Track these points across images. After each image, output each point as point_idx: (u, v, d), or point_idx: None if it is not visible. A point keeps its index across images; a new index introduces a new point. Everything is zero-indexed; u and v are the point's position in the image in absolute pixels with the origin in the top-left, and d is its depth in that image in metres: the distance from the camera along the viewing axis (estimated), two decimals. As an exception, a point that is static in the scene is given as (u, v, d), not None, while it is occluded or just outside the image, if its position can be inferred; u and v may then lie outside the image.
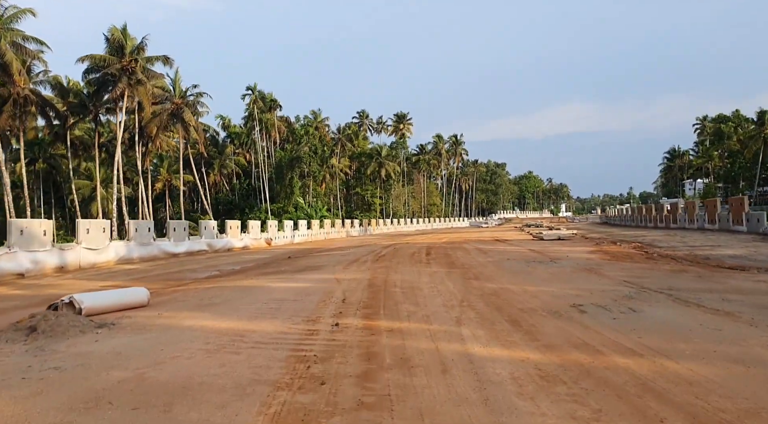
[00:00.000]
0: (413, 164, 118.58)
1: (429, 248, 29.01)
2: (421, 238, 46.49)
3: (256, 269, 19.45)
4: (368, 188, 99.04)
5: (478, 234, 52.99)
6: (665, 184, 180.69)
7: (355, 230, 65.40)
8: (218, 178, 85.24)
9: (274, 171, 75.89)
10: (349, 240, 49.29)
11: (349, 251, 29.56)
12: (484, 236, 45.23)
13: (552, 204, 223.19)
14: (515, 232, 54.54)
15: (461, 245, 30.56)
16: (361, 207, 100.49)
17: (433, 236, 49.57)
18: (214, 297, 12.08)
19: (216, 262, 25.40)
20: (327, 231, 56.08)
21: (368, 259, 21.94)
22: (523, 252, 23.71)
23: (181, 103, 55.17)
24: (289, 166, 73.31)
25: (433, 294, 11.65)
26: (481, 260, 19.90)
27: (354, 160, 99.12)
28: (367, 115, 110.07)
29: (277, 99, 77.40)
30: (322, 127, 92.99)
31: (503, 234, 49.09)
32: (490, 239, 39.67)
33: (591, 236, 38.67)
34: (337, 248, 35.20)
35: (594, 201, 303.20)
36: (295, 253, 30.49)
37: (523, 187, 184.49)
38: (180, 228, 31.43)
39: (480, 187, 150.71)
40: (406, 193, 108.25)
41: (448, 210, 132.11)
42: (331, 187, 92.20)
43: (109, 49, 48.28)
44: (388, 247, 31.89)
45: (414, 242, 37.50)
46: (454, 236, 47.36)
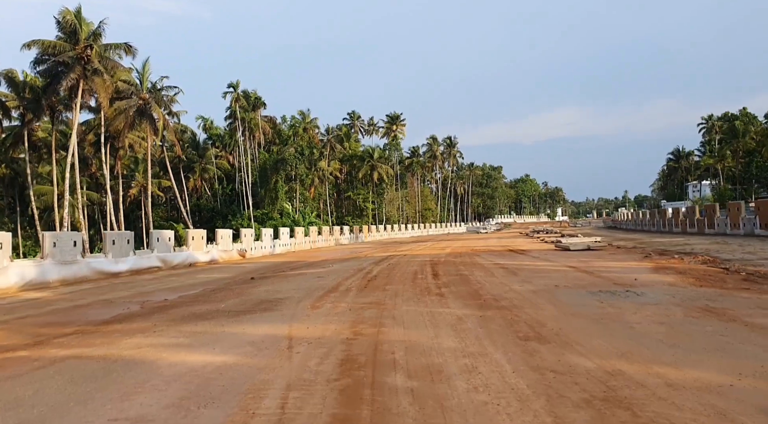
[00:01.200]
0: (406, 167, 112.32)
1: (434, 263, 22.62)
2: (419, 247, 40.14)
3: (185, 306, 12.97)
4: (360, 193, 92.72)
5: (483, 241, 46.67)
6: (664, 187, 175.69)
7: (346, 238, 58.96)
8: (199, 183, 78.63)
9: (258, 175, 69.41)
10: (337, 250, 42.90)
11: (333, 267, 23.16)
12: (491, 244, 38.90)
13: (548, 208, 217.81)
14: (524, 239, 48.20)
15: (474, 259, 24.18)
16: (353, 213, 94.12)
17: (433, 245, 43.20)
18: None
19: (157, 285, 18.99)
20: (313, 239, 49.63)
21: (353, 284, 15.57)
22: (564, 271, 17.37)
23: (148, 98, 48.68)
24: (273, 169, 66.83)
25: (484, 403, 5.24)
26: (517, 287, 13.52)
27: (345, 163, 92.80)
28: (359, 117, 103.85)
29: (261, 97, 71.04)
30: (311, 129, 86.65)
31: (512, 242, 42.78)
32: (502, 248, 33.32)
33: (620, 244, 32.39)
34: (320, 261, 28.81)
35: (589, 205, 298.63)
36: (265, 270, 24.06)
37: (520, 191, 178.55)
38: (121, 240, 24.90)
39: (476, 191, 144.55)
40: (399, 198, 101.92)
41: (443, 215, 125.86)
42: (320, 191, 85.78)
43: (62, 34, 41.79)
44: (382, 261, 25.51)
45: (413, 253, 31.11)
46: (457, 245, 41.01)
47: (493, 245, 39.10)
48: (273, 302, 12.38)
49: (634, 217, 67.15)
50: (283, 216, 65.73)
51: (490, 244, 40.54)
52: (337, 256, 33.46)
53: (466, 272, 17.95)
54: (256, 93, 71.10)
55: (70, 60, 41.10)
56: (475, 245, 40.07)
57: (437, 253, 30.95)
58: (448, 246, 39.64)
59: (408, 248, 38.48)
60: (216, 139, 78.37)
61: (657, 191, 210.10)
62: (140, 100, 48.25)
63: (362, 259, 28.53)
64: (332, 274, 19.38)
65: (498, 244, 39.99)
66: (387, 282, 15.68)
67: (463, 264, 21.36)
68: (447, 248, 37.13)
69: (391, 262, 24.53)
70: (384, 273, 18.76)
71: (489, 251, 30.71)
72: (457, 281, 15.23)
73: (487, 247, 35.86)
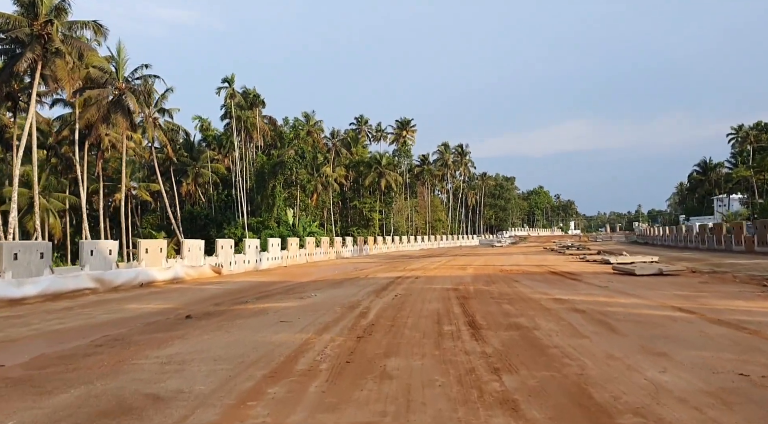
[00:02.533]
0: (416, 176, 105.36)
1: (461, 295, 15.50)
2: (433, 264, 33.03)
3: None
4: (366, 201, 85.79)
5: (506, 257, 39.53)
6: (682, 202, 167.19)
7: (348, 250, 51.94)
8: (193, 188, 72.02)
9: (255, 180, 62.74)
10: (336, 265, 35.92)
11: (317, 297, 16.17)
12: (521, 263, 31.72)
13: (560, 221, 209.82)
14: (556, 256, 40.94)
15: (515, 288, 17.04)
16: (359, 223, 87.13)
17: (449, 262, 36.09)
18: None
19: (38, 326, 12.10)
20: (310, 252, 42.66)
21: (330, 348, 8.51)
22: (690, 322, 10.22)
23: (124, 88, 42.16)
24: (271, 173, 60.08)
25: None
26: (660, 378, 6.41)
27: (351, 170, 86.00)
28: (366, 121, 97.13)
29: (260, 95, 64.41)
30: (315, 132, 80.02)
31: (544, 259, 35.57)
32: (541, 269, 26.15)
33: (693, 267, 25.14)
34: (307, 283, 21.85)
35: (600, 219, 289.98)
36: (225, 297, 17.09)
37: (533, 203, 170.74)
38: (29, 255, 18.04)
39: (488, 202, 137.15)
40: (408, 208, 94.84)
41: (454, 226, 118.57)
42: (324, 199, 78.93)
43: (19, 7, 35.40)
44: (387, 288, 18.46)
45: (427, 275, 24.03)
46: (479, 263, 33.85)
47: (523, 262, 31.94)
48: (160, 403, 5.37)
49: (672, 232, 59.75)
50: (280, 225, 58.87)
51: (519, 261, 33.36)
52: (331, 275, 26.48)
53: (522, 318, 10.85)
54: (255, 90, 64.59)
55: (26, 38, 34.67)
56: (501, 262, 32.91)
57: (459, 274, 23.87)
58: (469, 264, 32.52)
59: (420, 266, 31.41)
60: (212, 140, 71.83)
61: (675, 206, 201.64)
62: (116, 90, 41.75)
63: (361, 282, 21.52)
64: (307, 314, 12.38)
65: (529, 262, 32.83)
66: (390, 345, 8.61)
67: (507, 299, 14.26)
68: (468, 266, 30.02)
69: (398, 291, 17.46)
70: (387, 316, 11.71)
71: (525, 273, 23.59)
72: (518, 345, 8.14)
73: (519, 266, 28.70)
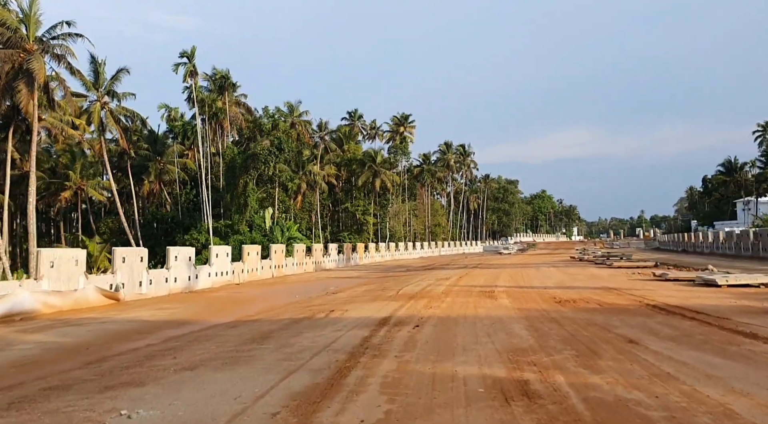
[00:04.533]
0: (415, 177, 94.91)
1: (552, 413, 4.96)
2: (440, 285, 22.48)
3: None
4: (359, 204, 75.26)
5: (535, 270, 29.05)
6: (692, 206, 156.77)
7: (332, 260, 41.45)
8: (157, 186, 61.53)
9: (225, 176, 52.34)
10: (305, 284, 25.44)
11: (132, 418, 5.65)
12: (569, 282, 21.24)
13: (564, 227, 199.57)
14: (599, 269, 30.29)
15: (658, 366, 6.51)
16: (351, 227, 76.62)
17: (463, 280, 25.51)
18: None
19: None
20: (277, 264, 32.17)
21: None
22: None
23: (35, 49, 31.75)
24: (243, 168, 49.65)
25: None
26: None
27: (342, 168, 75.53)
28: (360, 117, 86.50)
29: (230, 77, 53.90)
30: (300, 125, 69.62)
31: (592, 275, 25.01)
32: (622, 297, 15.63)
33: None
34: (208, 330, 11.37)
35: (602, 224, 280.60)
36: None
37: (536, 208, 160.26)
38: None
39: (491, 206, 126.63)
40: (406, 211, 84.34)
41: (455, 232, 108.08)
42: (311, 200, 68.46)
43: None
44: (352, 363, 7.95)
45: (438, 314, 13.28)
46: (506, 281, 23.26)
47: (571, 282, 21.40)
48: None
49: (706, 238, 49.64)
50: (253, 229, 48.37)
51: (563, 280, 22.78)
52: (278, 306, 15.96)
53: None
54: (227, 73, 54.10)
55: None
56: (538, 282, 22.34)
57: (494, 314, 13.33)
58: (492, 284, 21.96)
59: (422, 289, 20.86)
60: (179, 132, 61.39)
61: (683, 211, 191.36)
62: (22, 53, 31.33)
63: (306, 336, 11.01)
64: None
65: (577, 280, 22.30)
66: None
67: None
68: (494, 289, 19.47)
69: (376, 380, 6.91)
70: None
71: (611, 310, 13.10)
72: None
73: (574, 289, 18.16)
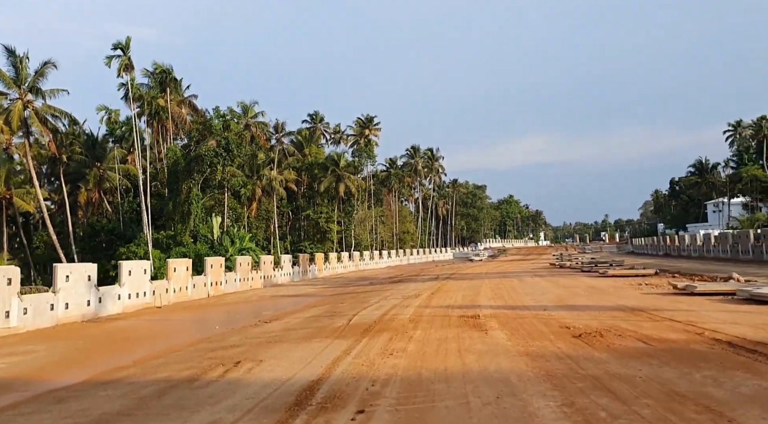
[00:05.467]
0: (381, 182, 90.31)
1: None
2: (407, 306, 17.59)
3: None
4: (322, 210, 70.14)
5: (518, 283, 24.57)
6: (658, 210, 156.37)
7: (284, 274, 36.30)
8: (96, 195, 55.30)
9: (168, 181, 46.68)
10: (240, 308, 20.31)
11: None
12: (569, 298, 16.71)
13: (531, 232, 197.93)
14: (592, 278, 25.90)
15: None
16: (314, 236, 71.38)
17: (436, 298, 20.75)
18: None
19: None
20: (215, 280, 26.91)
21: None
22: None
23: None
24: (186, 172, 44.11)
25: None
26: None
27: (303, 173, 70.39)
28: (322, 119, 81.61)
29: (172, 72, 48.26)
30: (256, 126, 64.28)
31: (592, 288, 20.54)
32: (660, 327, 11.07)
33: None
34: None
35: (566, 229, 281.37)
36: None
37: (504, 213, 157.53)
38: None
39: (459, 211, 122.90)
40: (373, 218, 79.53)
41: (424, 239, 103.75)
42: (267, 208, 63.07)
43: None
44: None
45: (399, 374, 8.46)
46: (492, 299, 18.52)
47: (572, 299, 16.87)
48: None
49: (683, 241, 46.38)
50: (197, 240, 42.81)
51: (562, 295, 18.24)
52: (171, 351, 10.87)
53: None
54: (170, 69, 48.45)
55: None
56: (531, 299, 17.72)
57: (488, 354, 8.51)
58: (474, 303, 17.23)
59: (385, 312, 15.98)
60: (120, 136, 55.36)
61: (648, 214, 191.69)
62: None
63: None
64: None
65: (577, 295, 17.80)
66: None
67: None
68: (478, 311, 14.71)
69: None
70: None
71: (677, 352, 8.47)
72: None
73: (586, 312, 13.57)
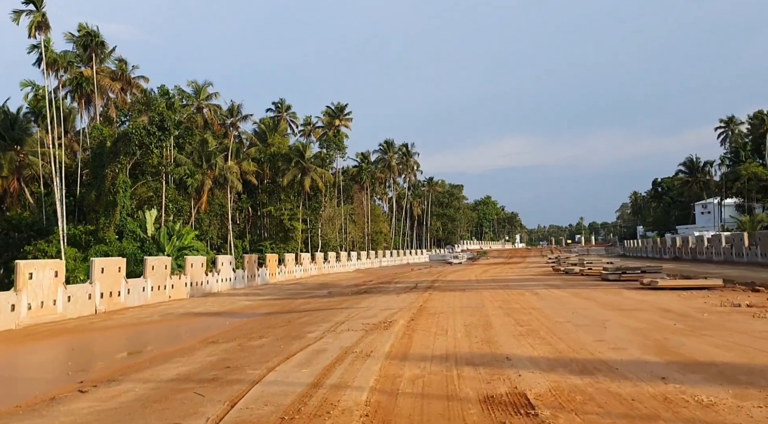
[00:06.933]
0: (352, 178, 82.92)
1: None
2: (370, 333, 10.35)
3: None
4: (286, 207, 62.40)
5: (518, 296, 17.60)
6: (637, 212, 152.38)
7: (223, 280, 28.62)
8: (15, 184, 46.71)
9: (92, 166, 38.54)
10: (108, 340, 12.82)
11: None
12: (619, 326, 9.76)
13: (507, 234, 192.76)
14: (604, 287, 18.86)
15: None
16: (276, 235, 63.60)
17: (411, 314, 13.27)
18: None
19: None
20: (111, 290, 19.18)
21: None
22: None
23: None
24: (111, 155, 36.08)
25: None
26: None
27: (265, 165, 62.62)
28: (288, 108, 73.93)
29: (100, 36, 40.09)
30: (210, 110, 56.35)
31: (630, 302, 13.58)
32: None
33: None
34: None
35: (541, 232, 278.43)
36: None
37: (481, 214, 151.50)
38: None
39: (436, 211, 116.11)
40: (342, 216, 72.02)
41: (397, 240, 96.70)
42: (222, 202, 55.13)
43: None
44: None
45: None
46: (503, 321, 11.28)
47: (659, 336, 9.83)
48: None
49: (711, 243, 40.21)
50: (123, 238, 34.79)
51: (648, 334, 11.14)
52: None
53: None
54: (94, 30, 40.18)
55: None
56: (585, 329, 10.55)
57: None
58: (488, 340, 10.01)
59: (319, 377, 8.65)
60: (44, 116, 46.78)
61: (626, 217, 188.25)
62: None
63: None
64: None
65: (660, 330, 10.74)
66: None
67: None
68: (510, 369, 7.54)
69: None
70: None
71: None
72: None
73: (696, 365, 6.51)
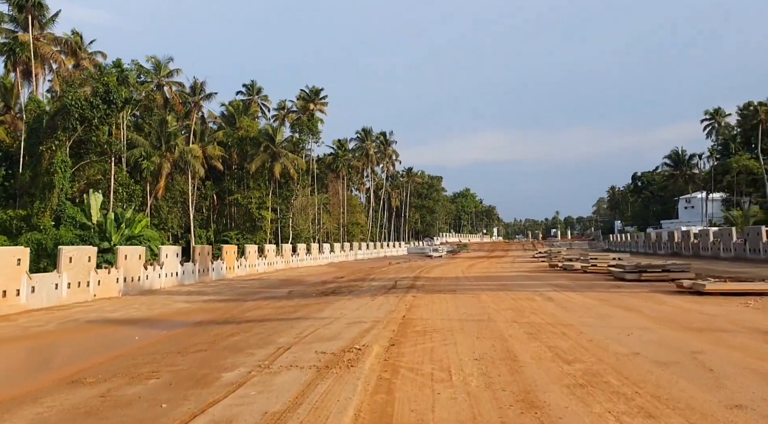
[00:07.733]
0: (328, 166, 78.88)
1: None
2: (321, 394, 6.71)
3: None
4: (254, 195, 58.17)
5: (527, 303, 14.17)
6: (614, 206, 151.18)
7: (168, 275, 24.55)
8: (-54, 164, 41.71)
9: (27, 143, 33.98)
10: None
11: None
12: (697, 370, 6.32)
13: (485, 227, 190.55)
14: (629, 292, 15.44)
15: None
16: (244, 225, 59.40)
17: (390, 338, 9.54)
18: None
19: None
20: (8, 284, 15.07)
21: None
22: None
23: None
24: (48, 131, 31.58)
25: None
26: None
27: (233, 150, 58.23)
28: (259, 90, 69.36)
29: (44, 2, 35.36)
30: (171, 87, 51.77)
31: (678, 313, 10.18)
32: None
33: None
34: None
35: (517, 225, 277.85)
36: None
37: (460, 206, 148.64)
38: None
39: (414, 203, 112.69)
40: (316, 205, 67.97)
41: (375, 232, 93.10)
42: (183, 188, 50.70)
43: None
44: None
45: None
46: (532, 350, 7.73)
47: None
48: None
49: (717, 238, 37.37)
50: (61, 224, 30.45)
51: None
52: None
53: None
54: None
55: None
56: (655, 375, 7.06)
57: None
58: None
59: None
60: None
61: (603, 211, 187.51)
62: None
63: None
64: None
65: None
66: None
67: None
68: None
69: None
70: None
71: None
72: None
73: None
